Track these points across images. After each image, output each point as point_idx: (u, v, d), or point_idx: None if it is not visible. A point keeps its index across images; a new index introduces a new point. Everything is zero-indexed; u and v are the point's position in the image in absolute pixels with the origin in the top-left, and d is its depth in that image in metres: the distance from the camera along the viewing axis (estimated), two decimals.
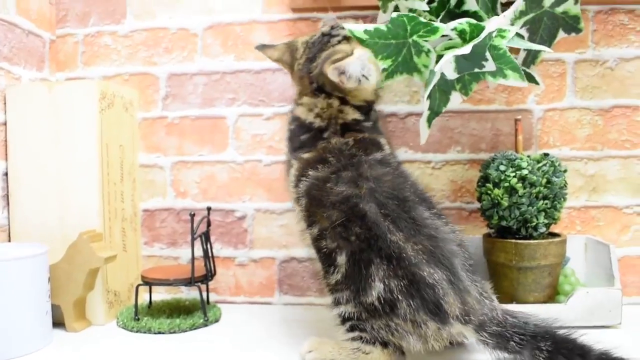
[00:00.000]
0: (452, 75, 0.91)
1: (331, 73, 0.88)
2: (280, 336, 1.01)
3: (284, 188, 0.99)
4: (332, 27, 0.95)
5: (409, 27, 0.90)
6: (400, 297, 0.76)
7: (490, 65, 0.89)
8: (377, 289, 0.77)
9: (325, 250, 0.83)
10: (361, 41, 0.92)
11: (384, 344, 0.81)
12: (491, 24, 0.85)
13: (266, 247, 1.25)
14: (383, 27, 0.90)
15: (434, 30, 0.89)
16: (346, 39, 0.92)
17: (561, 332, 0.81)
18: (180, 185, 1.27)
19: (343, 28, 0.92)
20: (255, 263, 1.26)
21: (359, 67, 0.88)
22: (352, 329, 0.82)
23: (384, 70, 0.97)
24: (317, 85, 0.93)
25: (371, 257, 0.78)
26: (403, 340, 0.78)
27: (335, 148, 0.89)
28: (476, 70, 0.91)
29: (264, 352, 0.94)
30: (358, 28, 0.91)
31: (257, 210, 1.25)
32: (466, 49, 0.85)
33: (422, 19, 0.88)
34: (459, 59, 0.88)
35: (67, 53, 1.30)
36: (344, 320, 0.82)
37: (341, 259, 0.81)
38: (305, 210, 0.88)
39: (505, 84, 0.92)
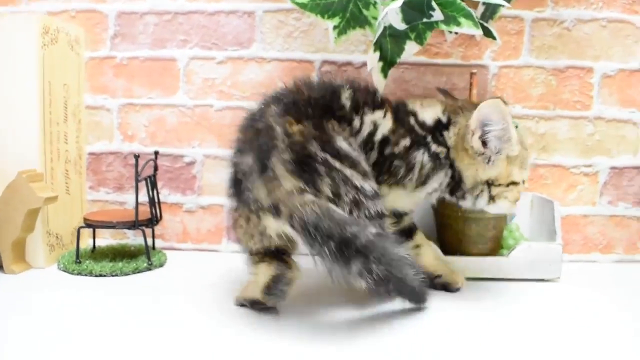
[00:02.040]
0: (400, 25, 0.90)
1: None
2: (223, 282, 1.00)
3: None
4: None
5: None
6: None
7: (437, 15, 0.89)
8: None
9: None
10: (304, 6, 0.95)
11: (261, 258, 0.85)
12: None
13: (215, 194, 1.23)
14: None
15: None
16: None
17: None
18: (127, 129, 1.23)
19: None
20: (204, 210, 1.24)
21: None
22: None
23: (335, 27, 0.98)
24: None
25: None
26: (250, 241, 0.84)
27: None
28: (425, 20, 0.90)
29: (204, 295, 0.93)
30: None
31: (206, 156, 1.22)
32: (398, 3, 0.86)
33: None
34: (405, 10, 0.88)
35: None
36: None
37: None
38: None
39: (460, 31, 0.91)
